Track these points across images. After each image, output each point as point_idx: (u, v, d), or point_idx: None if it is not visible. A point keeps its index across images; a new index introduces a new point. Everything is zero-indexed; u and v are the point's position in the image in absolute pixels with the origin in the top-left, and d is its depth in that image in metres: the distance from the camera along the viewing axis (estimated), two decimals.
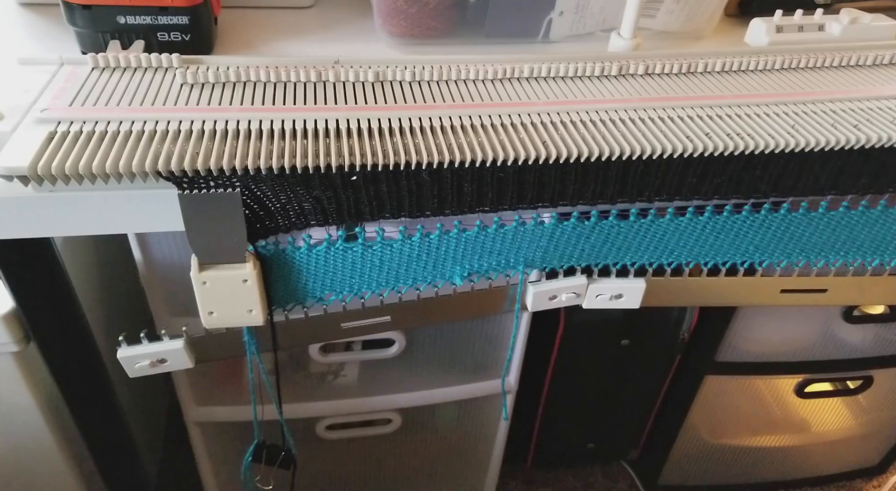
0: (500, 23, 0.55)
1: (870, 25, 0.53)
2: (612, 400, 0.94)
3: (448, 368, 0.82)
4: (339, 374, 0.78)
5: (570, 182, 0.39)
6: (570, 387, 0.92)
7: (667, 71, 0.47)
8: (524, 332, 0.78)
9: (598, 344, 0.86)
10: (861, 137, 0.39)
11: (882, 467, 1.16)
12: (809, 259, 0.45)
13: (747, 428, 1.04)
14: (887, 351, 0.91)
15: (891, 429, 1.09)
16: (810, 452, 1.10)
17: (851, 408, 1.05)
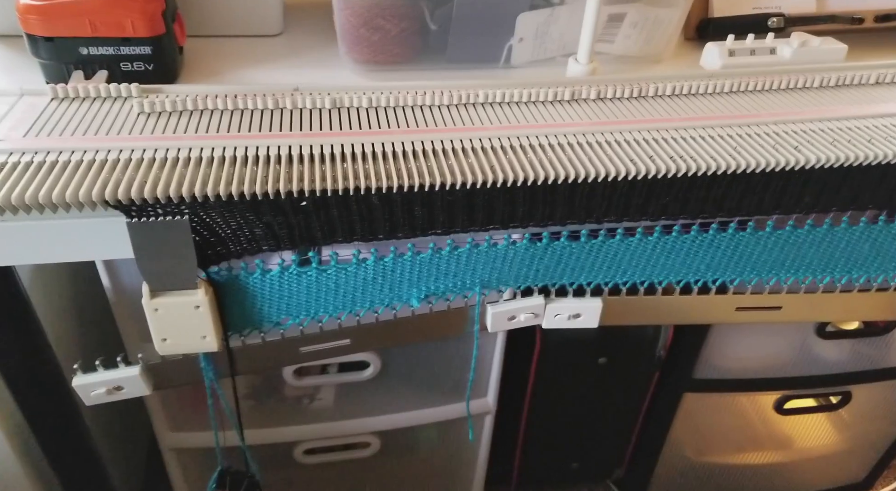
0: (461, 49, 0.56)
1: (819, 48, 0.54)
2: (593, 419, 0.94)
3: (426, 389, 0.82)
4: (315, 397, 0.78)
5: (519, 204, 0.40)
6: (551, 406, 0.92)
7: (619, 95, 0.48)
8: (500, 352, 0.78)
9: (576, 363, 0.86)
10: (800, 159, 0.40)
11: (868, 483, 1.16)
12: (761, 277, 0.46)
13: (731, 445, 1.04)
14: (864, 366, 0.92)
15: (875, 444, 1.09)
16: (796, 468, 1.10)
17: (835, 423, 1.05)
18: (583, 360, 0.86)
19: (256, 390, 0.76)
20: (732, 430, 1.01)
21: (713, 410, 0.96)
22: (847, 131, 0.43)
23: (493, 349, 0.78)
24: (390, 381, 0.78)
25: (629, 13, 0.57)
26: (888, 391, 0.99)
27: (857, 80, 0.50)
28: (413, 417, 0.81)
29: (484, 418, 0.86)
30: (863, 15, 0.62)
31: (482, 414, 0.85)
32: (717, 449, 1.05)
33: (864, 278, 0.47)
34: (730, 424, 0.99)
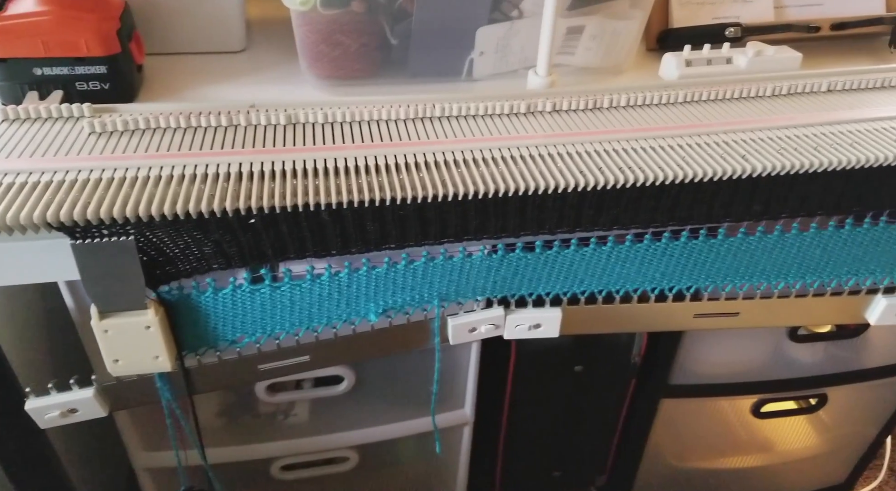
0: (422, 63, 0.57)
1: (774, 57, 0.55)
2: (573, 427, 0.95)
3: (403, 402, 0.82)
4: (290, 413, 0.77)
5: (472, 218, 0.40)
6: (530, 415, 0.92)
7: (574, 107, 0.48)
8: (475, 362, 0.78)
9: (552, 371, 0.86)
10: (747, 167, 0.40)
11: (849, 484, 1.16)
12: (716, 284, 0.46)
13: (711, 449, 1.04)
14: (839, 368, 0.93)
15: (854, 445, 1.10)
16: (778, 471, 1.10)
17: (814, 425, 1.06)
18: (559, 368, 0.86)
19: (230, 407, 0.76)
20: (712, 434, 1.01)
21: (691, 416, 0.96)
22: (795, 139, 0.44)
23: (469, 360, 0.78)
24: (366, 394, 0.78)
25: (588, 26, 0.57)
26: (864, 393, 0.99)
27: (808, 89, 0.50)
28: (391, 429, 0.81)
29: (462, 429, 0.86)
30: (819, 23, 0.63)
31: (460, 425, 0.85)
32: (698, 454, 1.05)
33: (817, 283, 0.47)
34: (709, 428, 0.99)
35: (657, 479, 1.05)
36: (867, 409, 1.04)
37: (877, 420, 1.05)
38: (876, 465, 1.16)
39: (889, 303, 0.49)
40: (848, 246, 0.45)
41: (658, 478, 1.05)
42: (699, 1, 0.63)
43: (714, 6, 0.64)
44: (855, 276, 0.47)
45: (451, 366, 0.80)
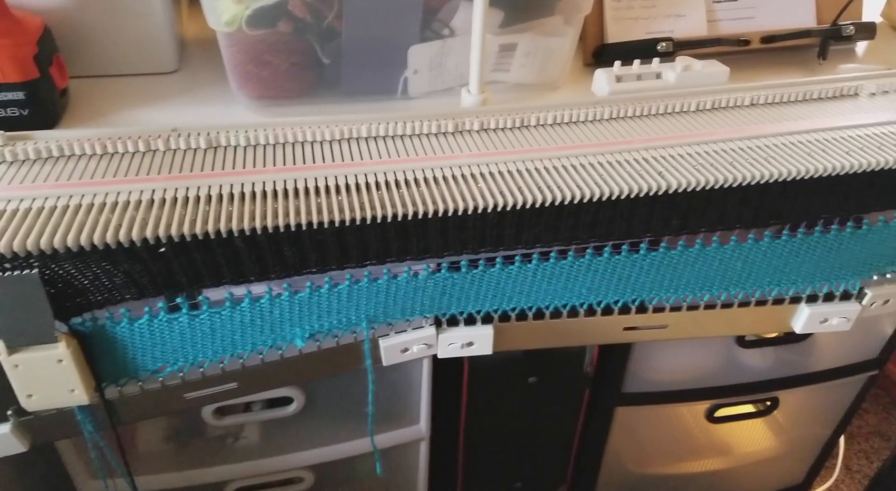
0: (355, 82, 0.57)
1: (702, 72, 0.56)
2: (531, 438, 0.95)
3: (357, 419, 0.81)
4: (240, 436, 0.76)
5: (393, 240, 0.40)
6: (487, 428, 0.92)
7: (502, 125, 0.49)
8: (427, 377, 0.78)
9: (507, 384, 0.86)
10: (662, 184, 0.41)
11: (807, 484, 1.18)
12: (642, 297, 0.47)
13: (670, 455, 1.05)
14: (789, 372, 0.94)
15: (810, 446, 1.12)
16: (737, 473, 1.11)
17: (770, 428, 1.07)
18: (513, 380, 0.86)
19: (177, 432, 0.74)
20: (669, 440, 1.02)
21: (647, 423, 0.97)
22: (714, 155, 0.44)
23: (421, 375, 0.78)
24: (318, 414, 0.77)
25: (520, 43, 0.58)
26: (815, 395, 1.01)
27: (733, 103, 0.51)
28: (346, 448, 0.80)
29: (419, 445, 0.86)
30: (749, 37, 0.64)
31: (416, 440, 0.85)
32: (657, 460, 1.06)
33: (741, 294, 0.48)
34: (666, 434, 1.00)
35: (618, 486, 1.06)
36: (819, 410, 1.06)
37: (829, 421, 1.07)
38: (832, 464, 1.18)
39: (812, 311, 0.50)
40: (768, 257, 0.46)
41: (619, 485, 1.06)
42: (633, 16, 0.65)
43: (648, 21, 0.65)
44: (777, 286, 0.48)
45: (403, 381, 0.79)
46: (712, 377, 0.91)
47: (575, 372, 0.86)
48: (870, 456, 1.28)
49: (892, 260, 0.49)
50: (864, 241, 0.46)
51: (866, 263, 0.48)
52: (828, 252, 0.46)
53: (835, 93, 0.52)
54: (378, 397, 0.80)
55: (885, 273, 0.50)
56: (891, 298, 0.51)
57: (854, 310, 0.50)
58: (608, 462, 1.01)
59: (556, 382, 0.87)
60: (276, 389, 0.57)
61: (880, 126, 0.47)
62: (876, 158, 0.43)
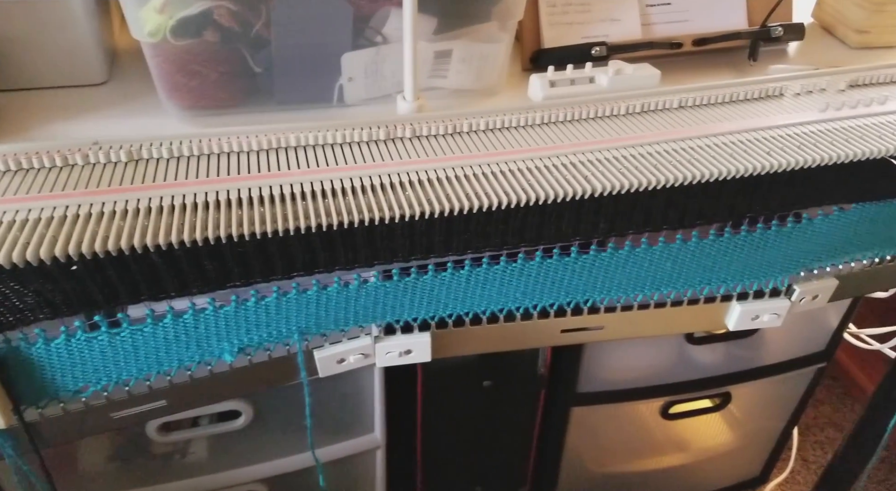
0: (289, 91, 0.56)
1: (633, 75, 0.57)
2: (489, 441, 0.95)
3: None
4: (188, 451, 0.75)
5: (319, 251, 0.40)
6: (445, 433, 0.92)
7: (435, 132, 0.49)
8: (380, 384, 0.78)
9: (461, 388, 0.86)
10: (588, 188, 0.41)
11: (764, 476, 1.21)
12: (577, 299, 0.47)
13: (630, 453, 1.06)
14: (740, 367, 0.96)
15: (766, 439, 1.14)
16: (696, 468, 1.13)
17: (726, 422, 1.09)
18: (467, 384, 0.86)
19: (121, 450, 0.72)
20: (627, 438, 1.03)
21: (604, 421, 0.98)
22: (640, 158, 0.45)
23: (373, 382, 0.78)
24: (268, 426, 0.76)
25: (455, 50, 0.58)
26: (766, 388, 1.03)
27: (661, 106, 0.52)
28: (299, 460, 0.79)
29: (375, 453, 0.85)
30: (682, 40, 0.65)
31: (372, 449, 0.84)
32: (617, 458, 1.07)
33: (673, 294, 0.49)
34: (623, 432, 1.01)
35: (578, 485, 1.07)
36: (772, 403, 1.08)
37: (782, 414, 1.09)
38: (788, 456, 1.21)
39: (743, 308, 0.51)
40: (697, 257, 0.47)
41: (580, 484, 1.07)
42: (568, 21, 0.65)
43: (583, 26, 0.65)
44: (708, 285, 0.48)
45: (355, 390, 0.79)
46: (665, 374, 0.93)
47: (529, 374, 0.87)
48: (825, 447, 1.31)
49: (818, 256, 0.50)
50: (789, 238, 0.47)
51: (793, 260, 0.49)
52: (755, 250, 0.47)
53: (760, 94, 0.53)
54: (330, 407, 0.79)
55: (812, 269, 0.51)
56: (819, 293, 0.52)
57: (784, 306, 0.51)
58: (568, 462, 1.02)
59: (511, 384, 0.87)
60: (208, 405, 0.56)
61: (801, 126, 0.48)
62: (795, 158, 0.44)
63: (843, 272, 0.52)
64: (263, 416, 0.74)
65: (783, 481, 1.20)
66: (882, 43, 0.69)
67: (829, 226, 0.47)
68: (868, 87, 0.55)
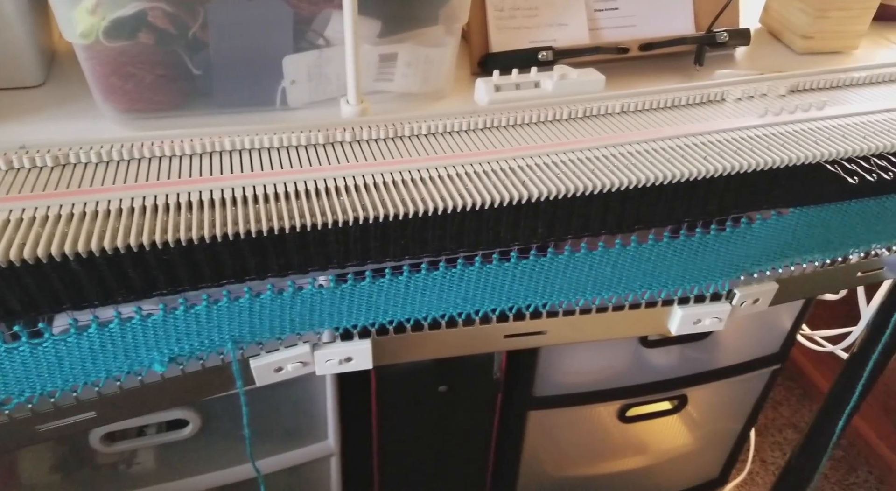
0: (230, 93, 0.55)
1: (578, 80, 0.57)
2: (446, 447, 0.94)
3: (260, 438, 0.79)
4: (133, 462, 0.73)
5: (249, 257, 0.39)
6: (401, 439, 0.91)
7: (376, 136, 0.48)
8: (332, 391, 0.77)
9: (417, 393, 0.86)
10: (524, 193, 0.41)
11: (723, 477, 1.22)
12: (518, 304, 0.47)
13: (589, 456, 1.07)
14: (695, 369, 0.97)
15: (724, 440, 1.16)
16: (655, 471, 1.14)
17: (684, 424, 1.10)
18: (423, 389, 0.85)
19: (63, 462, 0.70)
20: (585, 441, 1.03)
21: (561, 425, 0.98)
22: (578, 163, 0.45)
23: (325, 389, 0.77)
24: (217, 435, 0.74)
25: (400, 53, 0.58)
26: (722, 390, 1.05)
27: (604, 111, 0.52)
28: (249, 469, 0.78)
29: (329, 461, 0.84)
30: (628, 45, 0.66)
31: (326, 456, 0.83)
32: (576, 461, 1.07)
33: (614, 298, 0.49)
34: (581, 436, 1.02)
35: (538, 489, 1.07)
36: (728, 405, 1.09)
37: (739, 415, 1.11)
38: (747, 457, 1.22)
39: (685, 313, 0.51)
40: (637, 262, 0.47)
41: (539, 488, 1.07)
42: (516, 26, 0.65)
43: (531, 30, 0.65)
44: (648, 289, 0.49)
45: (306, 396, 0.78)
46: (621, 377, 0.93)
47: (485, 378, 0.87)
48: (783, 448, 1.33)
49: (758, 260, 0.50)
50: (728, 243, 0.48)
51: (733, 264, 0.49)
52: (695, 255, 0.48)
53: (702, 99, 0.53)
54: (281, 414, 0.78)
55: (752, 273, 0.51)
56: (760, 296, 0.52)
57: (725, 310, 0.52)
58: (526, 466, 1.02)
59: (467, 389, 0.87)
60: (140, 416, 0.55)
61: (740, 131, 0.49)
62: (731, 162, 0.44)
63: (783, 276, 0.53)
64: (212, 424, 0.72)
65: (741, 483, 1.22)
66: (827, 48, 0.70)
67: (768, 230, 0.48)
68: (808, 93, 0.56)
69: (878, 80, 0.57)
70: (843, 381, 0.85)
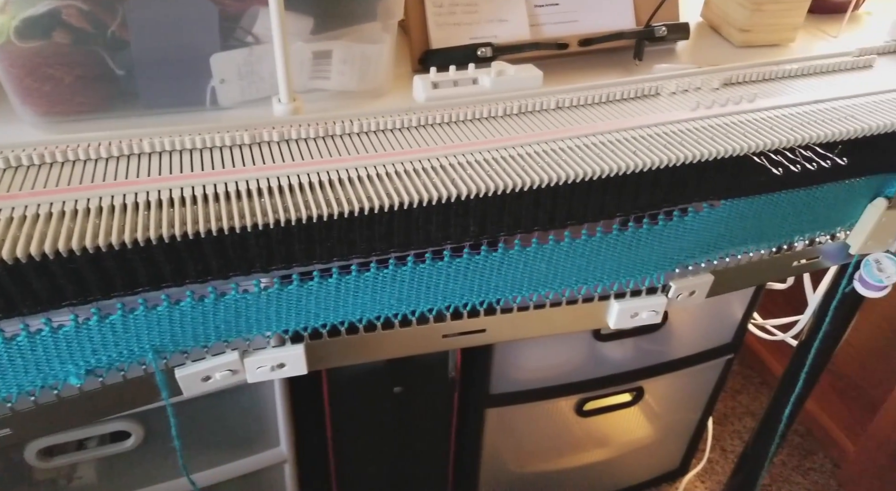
0: (156, 94, 0.53)
1: (515, 76, 0.56)
2: (404, 448, 0.93)
3: (208, 448, 0.77)
4: (74, 476, 0.70)
5: (163, 263, 0.37)
6: (358, 442, 0.90)
7: (304, 135, 0.47)
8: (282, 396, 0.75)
9: (371, 395, 0.85)
10: (454, 191, 0.40)
11: (684, 467, 1.24)
12: (455, 303, 0.46)
13: (550, 451, 1.07)
14: (650, 362, 0.98)
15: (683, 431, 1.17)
16: (616, 463, 1.15)
17: (642, 416, 1.11)
18: (377, 391, 0.84)
19: None
20: (545, 437, 1.03)
21: (520, 422, 0.98)
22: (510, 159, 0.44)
23: (274, 395, 0.75)
24: (161, 446, 0.72)
25: (335, 50, 0.56)
26: (677, 382, 1.06)
27: (539, 107, 0.52)
28: (200, 478, 0.76)
29: (282, 468, 0.83)
30: (568, 40, 0.65)
31: (279, 463, 0.82)
32: (537, 457, 1.07)
33: (551, 294, 0.49)
34: (541, 432, 1.02)
35: (500, 487, 1.06)
36: (685, 396, 1.10)
37: (696, 405, 1.12)
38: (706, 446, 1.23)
39: (621, 307, 0.51)
40: (571, 257, 0.46)
41: (501, 486, 1.07)
42: (455, 22, 0.64)
43: (471, 27, 0.65)
44: (584, 284, 0.48)
45: (255, 402, 0.76)
46: (577, 372, 0.93)
47: (440, 378, 0.86)
48: (742, 436, 1.35)
49: (692, 253, 0.50)
50: (661, 236, 0.48)
51: (667, 258, 0.49)
52: (628, 249, 0.47)
53: (637, 93, 0.53)
54: (229, 422, 0.76)
55: (687, 265, 0.52)
56: (696, 289, 0.53)
57: (661, 303, 0.52)
58: (487, 464, 1.01)
59: (422, 389, 0.86)
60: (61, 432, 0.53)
61: (672, 125, 0.49)
62: (660, 156, 0.44)
63: (718, 267, 0.53)
64: (155, 436, 0.70)
65: (701, 471, 1.23)
66: (764, 41, 0.71)
67: (701, 223, 0.48)
68: (741, 85, 0.56)
69: (810, 72, 0.58)
70: (793, 368, 0.87)
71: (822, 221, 0.53)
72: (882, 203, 0.54)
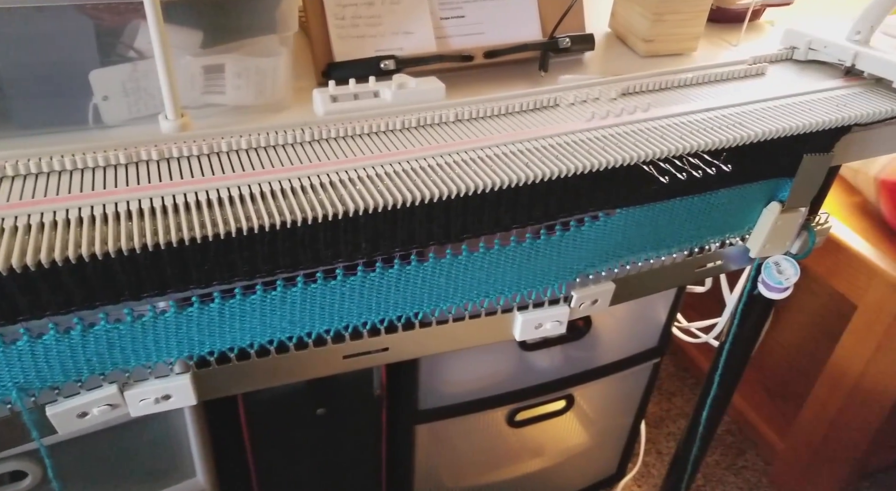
0: (31, 112, 0.50)
1: (417, 89, 0.55)
2: (333, 471, 0.91)
3: (120, 482, 0.73)
4: None
5: (18, 294, 0.35)
6: (283, 468, 0.87)
7: (185, 154, 0.45)
8: (195, 424, 0.72)
9: (292, 418, 0.82)
10: (340, 208, 0.39)
11: (620, 472, 1.25)
12: (352, 323, 0.45)
13: (485, 464, 1.06)
14: (578, 369, 0.98)
15: (617, 436, 1.18)
16: (553, 472, 1.15)
17: (575, 424, 1.11)
18: (299, 414, 0.82)
19: None
20: (479, 450, 1.02)
21: (452, 436, 0.97)
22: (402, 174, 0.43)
23: (185, 423, 0.72)
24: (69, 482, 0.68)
25: (227, 64, 0.54)
26: (607, 388, 1.07)
27: (437, 119, 0.51)
28: None
29: None
30: (473, 52, 0.65)
31: None
32: (472, 470, 1.06)
33: (453, 308, 0.48)
34: (474, 445, 1.01)
35: None
36: (617, 401, 1.12)
37: (627, 410, 1.13)
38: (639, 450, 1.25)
39: (525, 318, 0.51)
40: (470, 271, 0.46)
41: None
42: (359, 34, 0.63)
43: (375, 39, 0.64)
44: (486, 297, 0.48)
45: (165, 433, 0.72)
46: (506, 383, 0.93)
47: (365, 396, 0.84)
48: (677, 438, 1.38)
49: (591, 262, 0.50)
50: (559, 246, 0.48)
51: (567, 268, 0.49)
52: (527, 260, 0.47)
53: (536, 105, 0.53)
54: (139, 454, 0.72)
55: (588, 275, 0.52)
56: (598, 297, 0.53)
57: (563, 313, 0.52)
58: (421, 481, 1.00)
59: (347, 409, 0.84)
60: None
61: (566, 136, 0.49)
62: (551, 168, 0.44)
63: (619, 275, 0.53)
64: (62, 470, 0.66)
65: (637, 475, 1.25)
66: (667, 51, 0.72)
67: (598, 232, 0.48)
68: (638, 95, 0.57)
69: (706, 81, 0.59)
70: (713, 370, 0.89)
71: (721, 227, 0.54)
72: (776, 207, 0.56)
